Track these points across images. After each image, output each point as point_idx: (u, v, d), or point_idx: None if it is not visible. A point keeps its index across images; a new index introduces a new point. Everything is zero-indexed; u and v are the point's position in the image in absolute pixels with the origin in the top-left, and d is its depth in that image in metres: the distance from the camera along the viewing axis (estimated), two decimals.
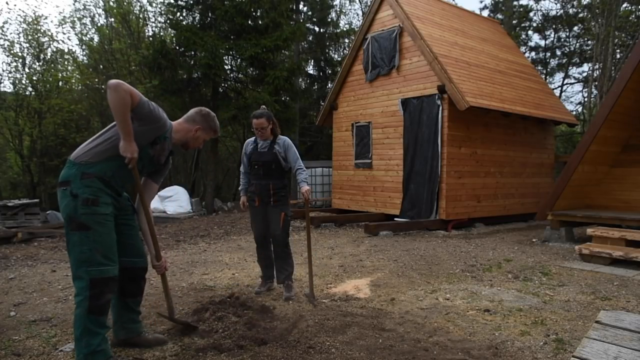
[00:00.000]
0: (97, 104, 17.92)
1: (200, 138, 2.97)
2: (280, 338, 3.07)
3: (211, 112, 3.03)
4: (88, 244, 2.45)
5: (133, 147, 2.51)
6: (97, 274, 2.45)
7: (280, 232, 4.15)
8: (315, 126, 16.34)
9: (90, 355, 2.45)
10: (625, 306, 3.90)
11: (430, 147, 8.66)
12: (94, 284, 2.44)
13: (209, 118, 2.99)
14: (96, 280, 2.44)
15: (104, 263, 2.48)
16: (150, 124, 2.63)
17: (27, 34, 17.12)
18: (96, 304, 2.45)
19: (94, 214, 2.47)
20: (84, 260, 2.45)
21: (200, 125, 2.94)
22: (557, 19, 19.43)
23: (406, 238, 7.72)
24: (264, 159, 4.10)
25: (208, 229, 8.85)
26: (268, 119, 4.04)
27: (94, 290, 2.43)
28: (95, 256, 2.46)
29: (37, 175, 17.03)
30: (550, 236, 7.38)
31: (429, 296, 4.19)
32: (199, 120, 2.94)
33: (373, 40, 9.84)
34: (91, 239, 2.46)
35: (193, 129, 2.91)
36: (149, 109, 2.59)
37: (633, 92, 7.01)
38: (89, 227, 2.45)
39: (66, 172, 2.53)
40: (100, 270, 2.46)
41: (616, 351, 2.26)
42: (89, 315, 2.43)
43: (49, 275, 5.07)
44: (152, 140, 2.68)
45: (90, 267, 2.44)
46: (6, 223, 8.67)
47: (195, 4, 13.02)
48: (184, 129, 2.90)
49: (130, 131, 2.48)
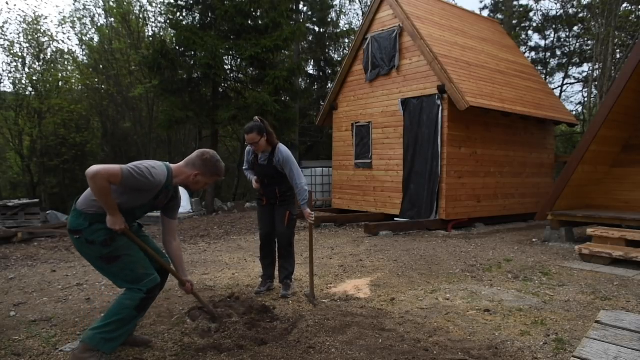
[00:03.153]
0: (97, 104, 17.93)
1: (201, 182, 2.87)
2: (280, 338, 3.07)
3: (215, 157, 2.88)
4: (128, 268, 2.68)
5: (119, 220, 2.61)
6: (151, 284, 2.72)
7: (285, 231, 4.14)
8: (315, 126, 16.34)
9: (106, 341, 2.60)
10: (625, 306, 3.90)
11: (430, 147, 8.66)
12: (149, 292, 2.71)
13: (210, 163, 2.85)
14: (150, 289, 2.72)
15: (149, 274, 2.73)
16: (144, 189, 2.67)
17: (27, 34, 17.12)
18: (145, 304, 2.75)
19: (117, 247, 2.67)
20: (133, 280, 2.69)
21: (200, 170, 2.83)
22: (557, 19, 19.43)
23: (406, 238, 7.72)
24: (265, 172, 4.08)
25: (208, 229, 8.85)
26: (259, 132, 3.88)
27: (149, 295, 2.72)
28: (139, 273, 2.70)
29: (37, 175, 17.02)
30: (550, 236, 7.38)
31: (429, 296, 4.18)
32: (198, 165, 2.83)
33: (373, 40, 9.84)
34: (127, 263, 2.68)
35: (192, 174, 2.83)
36: (136, 177, 2.57)
37: (633, 92, 7.01)
38: (119, 257, 2.67)
39: (75, 221, 2.65)
40: (150, 280, 2.73)
41: (616, 351, 2.26)
42: (134, 310, 2.66)
43: (49, 275, 5.07)
44: (153, 196, 2.74)
45: (142, 283, 2.69)
46: (6, 223, 8.67)
47: (195, 4, 13.02)
48: (184, 174, 2.83)
49: (112, 207, 2.57)
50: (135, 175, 2.56)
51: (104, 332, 2.59)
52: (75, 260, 6.02)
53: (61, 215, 10.36)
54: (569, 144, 18.81)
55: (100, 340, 2.58)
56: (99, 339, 2.58)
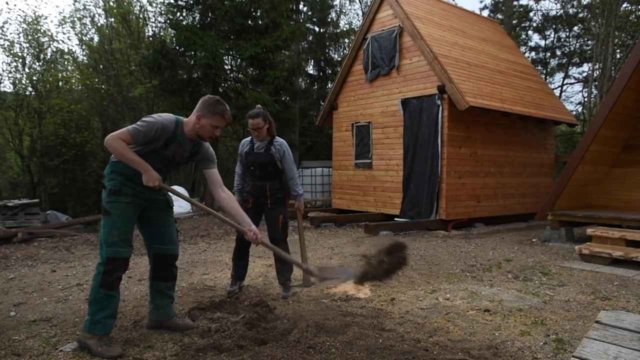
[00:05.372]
0: (97, 104, 17.93)
1: (207, 125, 2.92)
2: (280, 338, 3.07)
3: (213, 97, 2.96)
4: (108, 226, 2.82)
5: (153, 176, 2.77)
6: (112, 254, 2.81)
7: (280, 236, 4.13)
8: (315, 126, 16.33)
9: (92, 324, 2.82)
10: (625, 306, 3.90)
11: (430, 147, 8.66)
12: (108, 262, 2.81)
13: (209, 102, 2.92)
14: (110, 259, 2.81)
15: (119, 245, 2.82)
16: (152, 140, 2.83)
17: (27, 34, 17.14)
18: (108, 279, 2.81)
19: (116, 202, 2.83)
20: (104, 240, 2.83)
21: (200, 112, 2.91)
22: (557, 19, 19.43)
23: (406, 238, 7.72)
24: (260, 160, 4.05)
25: (208, 229, 8.85)
26: (264, 118, 3.97)
27: (107, 267, 2.81)
28: (112, 238, 2.81)
29: (37, 175, 17.03)
30: (550, 236, 7.38)
31: (429, 296, 4.18)
32: (199, 108, 2.92)
33: (373, 40, 9.84)
34: (110, 222, 2.82)
35: (195, 118, 2.93)
36: (142, 132, 2.77)
37: (633, 92, 7.01)
38: (110, 212, 2.83)
39: (106, 168, 2.95)
40: (115, 250, 2.81)
41: (616, 351, 2.26)
42: (100, 288, 2.81)
43: (49, 275, 5.07)
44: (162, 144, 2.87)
45: (107, 247, 2.81)
46: (6, 223, 8.66)
47: (195, 4, 13.02)
48: (190, 122, 2.94)
49: (142, 165, 2.75)
50: (139, 128, 2.75)
51: (88, 316, 2.84)
52: (75, 260, 6.02)
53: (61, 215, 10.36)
54: (569, 144, 18.80)
55: (89, 325, 2.82)
56: (88, 324, 2.83)
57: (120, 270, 2.87)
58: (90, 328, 2.82)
